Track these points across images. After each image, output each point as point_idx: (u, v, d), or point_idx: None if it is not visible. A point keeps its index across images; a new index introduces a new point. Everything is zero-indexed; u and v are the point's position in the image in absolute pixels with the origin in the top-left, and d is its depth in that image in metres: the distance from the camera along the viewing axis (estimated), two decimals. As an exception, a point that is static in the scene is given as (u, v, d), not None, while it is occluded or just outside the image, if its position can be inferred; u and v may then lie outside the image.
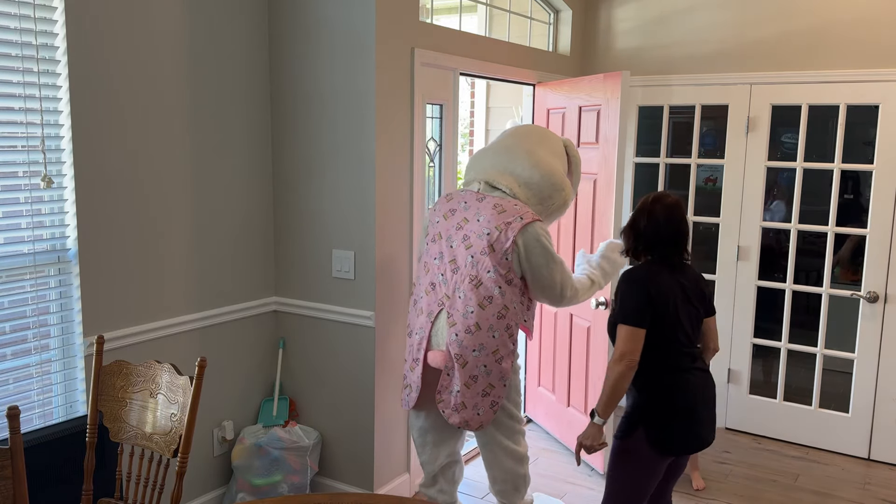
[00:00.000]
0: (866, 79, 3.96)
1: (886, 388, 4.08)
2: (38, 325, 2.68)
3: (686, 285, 2.52)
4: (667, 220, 2.50)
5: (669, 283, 2.49)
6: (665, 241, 2.50)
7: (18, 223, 2.59)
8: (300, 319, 3.52)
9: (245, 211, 3.39)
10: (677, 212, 2.52)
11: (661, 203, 2.53)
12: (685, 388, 2.49)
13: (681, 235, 2.53)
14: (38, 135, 2.61)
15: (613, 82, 3.66)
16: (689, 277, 2.55)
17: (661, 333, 2.47)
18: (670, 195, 2.57)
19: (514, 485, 3.05)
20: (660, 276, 2.49)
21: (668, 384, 2.49)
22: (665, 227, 2.50)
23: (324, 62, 3.28)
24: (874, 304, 4.06)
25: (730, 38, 4.31)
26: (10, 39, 2.50)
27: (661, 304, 2.45)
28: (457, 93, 3.70)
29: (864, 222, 4.09)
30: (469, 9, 4.32)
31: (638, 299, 2.44)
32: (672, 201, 2.54)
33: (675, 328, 2.48)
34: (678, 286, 2.50)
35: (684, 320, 2.49)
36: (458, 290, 2.81)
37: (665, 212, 2.50)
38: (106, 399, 2.45)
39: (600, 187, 3.79)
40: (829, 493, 3.78)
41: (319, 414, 3.52)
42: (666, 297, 2.46)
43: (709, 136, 5.38)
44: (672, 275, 2.51)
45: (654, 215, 2.51)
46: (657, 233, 2.50)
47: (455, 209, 2.92)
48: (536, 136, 3.02)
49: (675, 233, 2.51)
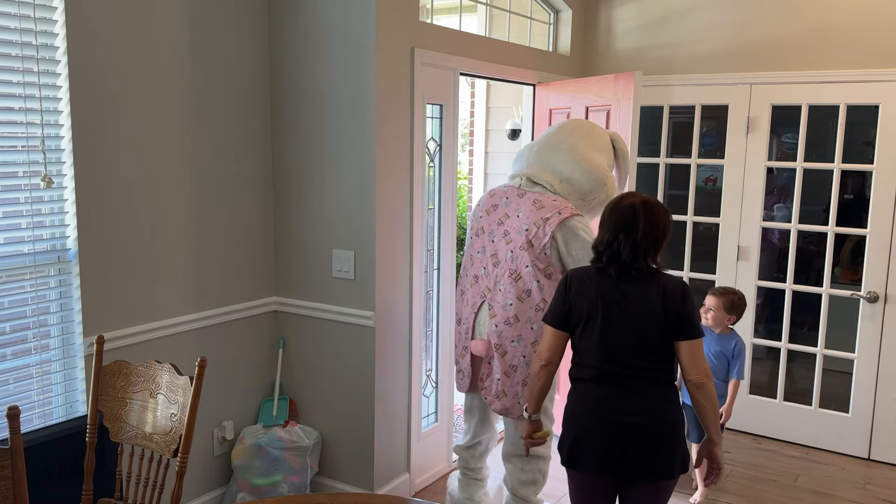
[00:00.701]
0: (866, 79, 3.96)
1: (886, 388, 4.08)
2: (38, 325, 2.68)
3: (628, 295, 2.27)
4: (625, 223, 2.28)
5: (600, 288, 2.29)
6: (621, 246, 2.28)
7: (18, 223, 2.59)
8: (300, 319, 3.52)
9: (245, 211, 3.39)
10: (642, 214, 2.28)
11: (624, 203, 2.33)
12: (580, 395, 2.34)
13: (639, 242, 2.26)
14: (38, 135, 2.61)
15: (626, 83, 3.67)
16: (643, 288, 2.27)
17: (577, 339, 2.34)
18: (637, 195, 2.34)
19: (534, 478, 3.13)
20: (588, 279, 2.33)
21: (572, 394, 2.38)
22: (623, 230, 2.28)
23: (324, 62, 3.28)
24: (874, 304, 4.06)
25: (730, 38, 4.31)
26: (10, 39, 2.50)
27: (576, 309, 2.31)
28: (457, 93, 3.70)
29: (863, 222, 4.09)
30: (469, 9, 4.32)
31: (556, 299, 2.39)
32: (633, 202, 2.31)
33: (588, 339, 2.30)
34: (612, 294, 2.28)
35: (603, 332, 2.27)
36: (498, 283, 2.95)
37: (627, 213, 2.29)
38: (106, 399, 2.45)
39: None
40: (829, 493, 3.78)
41: (319, 414, 3.52)
42: (582, 304, 2.30)
43: (709, 136, 5.38)
44: (612, 281, 2.29)
45: (613, 217, 2.32)
46: (614, 237, 2.29)
47: (497, 205, 3.04)
48: (582, 131, 3.09)
49: (633, 239, 2.26)
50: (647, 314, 2.25)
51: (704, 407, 2.29)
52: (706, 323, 3.52)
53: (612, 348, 2.27)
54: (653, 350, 2.26)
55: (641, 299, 2.27)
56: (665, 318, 2.25)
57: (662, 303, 2.25)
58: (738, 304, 3.49)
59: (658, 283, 2.28)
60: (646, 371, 2.26)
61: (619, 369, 2.27)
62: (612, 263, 2.30)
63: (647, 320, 2.25)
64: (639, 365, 2.26)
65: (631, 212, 2.29)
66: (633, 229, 2.27)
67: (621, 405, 2.26)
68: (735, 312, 3.49)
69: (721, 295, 3.50)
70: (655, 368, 2.27)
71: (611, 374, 2.28)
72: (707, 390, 2.26)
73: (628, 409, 2.26)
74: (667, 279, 2.31)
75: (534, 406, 2.49)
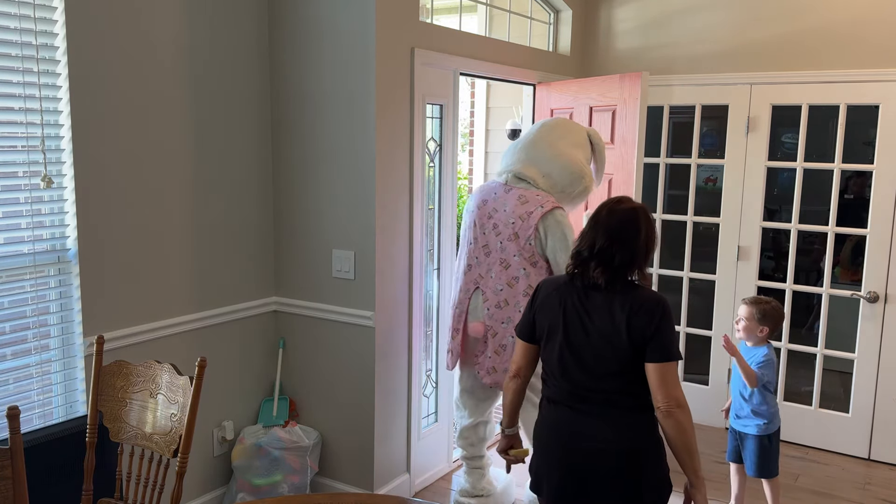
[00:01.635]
0: (866, 79, 3.96)
1: (886, 388, 4.08)
2: (38, 325, 2.68)
3: (592, 309, 2.09)
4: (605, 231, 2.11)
5: (565, 299, 2.13)
6: (595, 254, 2.10)
7: (18, 223, 2.59)
8: (300, 319, 3.52)
9: (245, 210, 3.39)
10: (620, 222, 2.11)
11: (607, 210, 2.15)
12: (542, 416, 2.21)
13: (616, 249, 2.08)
14: (38, 135, 2.61)
15: (633, 83, 3.67)
16: (611, 302, 2.08)
17: (543, 355, 2.20)
18: (632, 200, 2.18)
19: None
20: (555, 289, 2.18)
21: (539, 414, 2.24)
22: (599, 238, 2.10)
23: (324, 62, 3.28)
24: (874, 304, 4.06)
25: (730, 38, 4.30)
26: (10, 39, 2.50)
27: (539, 320, 2.19)
28: (457, 93, 3.70)
29: (863, 221, 4.09)
30: (469, 9, 4.32)
31: (526, 308, 2.28)
32: (633, 207, 2.14)
33: (550, 353, 2.15)
34: (576, 307, 2.11)
35: (565, 347, 2.10)
36: (490, 270, 3.23)
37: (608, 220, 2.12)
38: (106, 399, 2.45)
39: (617, 187, 3.83)
40: (829, 493, 3.78)
41: (319, 414, 3.52)
42: (545, 315, 2.16)
43: (709, 136, 5.38)
44: (579, 293, 2.13)
45: (610, 221, 2.12)
46: (590, 246, 2.11)
47: (487, 200, 3.28)
48: (560, 128, 3.35)
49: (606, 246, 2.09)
50: (609, 331, 2.06)
51: (675, 441, 2.03)
52: (738, 335, 3.31)
53: (570, 366, 2.10)
54: (617, 371, 2.06)
55: (605, 314, 2.07)
56: (629, 336, 2.03)
57: (628, 319, 2.04)
58: (770, 314, 3.23)
59: (630, 298, 2.07)
60: (609, 393, 2.07)
61: (578, 390, 2.09)
62: (585, 268, 2.12)
63: (607, 338, 2.06)
64: (601, 387, 2.07)
65: (631, 216, 2.11)
66: (634, 236, 2.09)
67: (581, 429, 2.08)
68: (768, 323, 3.23)
69: (752, 304, 3.27)
70: (621, 391, 2.07)
71: (571, 395, 2.10)
72: (675, 421, 2.00)
73: (588, 434, 2.07)
74: (643, 294, 2.09)
75: (507, 419, 2.37)
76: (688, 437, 2.02)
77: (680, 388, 2.04)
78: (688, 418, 2.03)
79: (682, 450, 2.03)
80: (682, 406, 2.01)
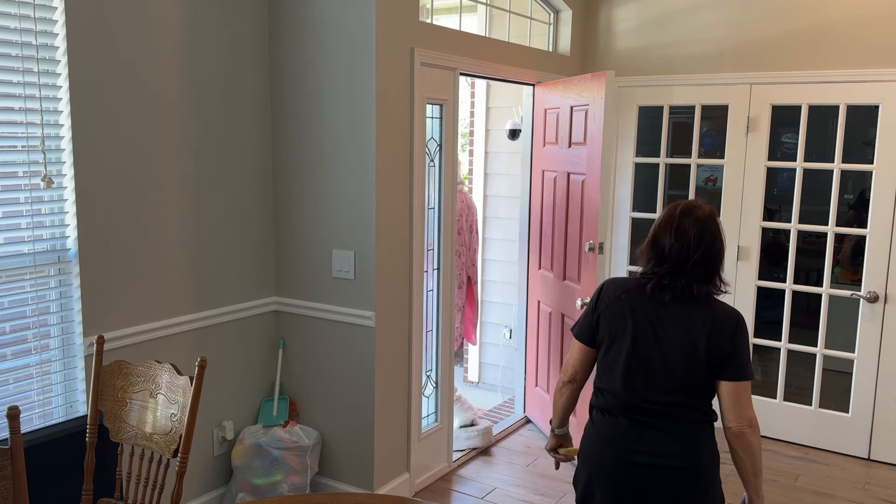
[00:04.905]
0: (866, 79, 3.96)
1: (886, 388, 4.08)
2: (38, 325, 2.68)
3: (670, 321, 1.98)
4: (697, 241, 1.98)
5: (637, 305, 2.02)
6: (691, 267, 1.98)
7: (18, 223, 2.59)
8: (300, 319, 3.52)
9: (245, 211, 3.39)
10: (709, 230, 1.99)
11: (691, 217, 2.01)
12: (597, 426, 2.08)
13: (711, 260, 1.99)
14: (38, 135, 2.61)
15: (599, 82, 3.67)
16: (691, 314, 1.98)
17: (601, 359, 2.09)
18: (701, 206, 2.04)
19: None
20: (626, 293, 2.06)
21: (588, 424, 2.12)
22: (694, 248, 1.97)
23: (324, 62, 3.28)
24: (874, 304, 4.06)
25: (730, 38, 4.31)
26: (10, 39, 2.50)
27: (604, 324, 2.06)
28: (457, 93, 3.70)
29: (864, 222, 4.09)
30: (469, 9, 4.32)
31: (587, 309, 2.15)
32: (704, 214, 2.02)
33: (612, 361, 2.04)
34: (651, 315, 2.00)
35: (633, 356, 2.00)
36: (465, 255, 4.45)
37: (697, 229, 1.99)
38: (106, 399, 2.45)
39: (588, 186, 3.83)
40: (829, 493, 3.78)
41: (319, 414, 3.52)
42: (611, 319, 2.04)
43: (709, 136, 5.38)
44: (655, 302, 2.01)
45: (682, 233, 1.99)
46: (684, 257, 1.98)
47: (463, 200, 4.55)
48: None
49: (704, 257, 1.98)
50: (686, 344, 1.96)
51: (743, 461, 1.99)
52: None
53: (635, 378, 2.00)
54: (686, 385, 1.97)
55: (682, 326, 1.97)
56: (707, 353, 1.95)
57: (708, 334, 1.95)
58: None
59: (709, 311, 1.98)
60: (673, 406, 1.98)
61: (640, 402, 2.00)
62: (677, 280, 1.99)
63: (683, 352, 1.96)
64: (666, 400, 1.98)
65: (711, 221, 2.00)
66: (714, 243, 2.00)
67: (640, 443, 1.99)
68: None
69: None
70: (686, 404, 1.98)
71: (631, 406, 2.01)
72: (747, 442, 1.95)
73: (649, 449, 1.98)
74: (723, 309, 2.00)
75: (557, 420, 2.25)
76: (756, 459, 1.98)
77: (752, 409, 1.98)
78: (758, 439, 1.98)
79: (749, 470, 2.00)
80: (754, 427, 1.97)
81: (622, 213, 4.73)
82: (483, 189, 5.24)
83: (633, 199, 4.71)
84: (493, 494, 3.68)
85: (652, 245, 2.05)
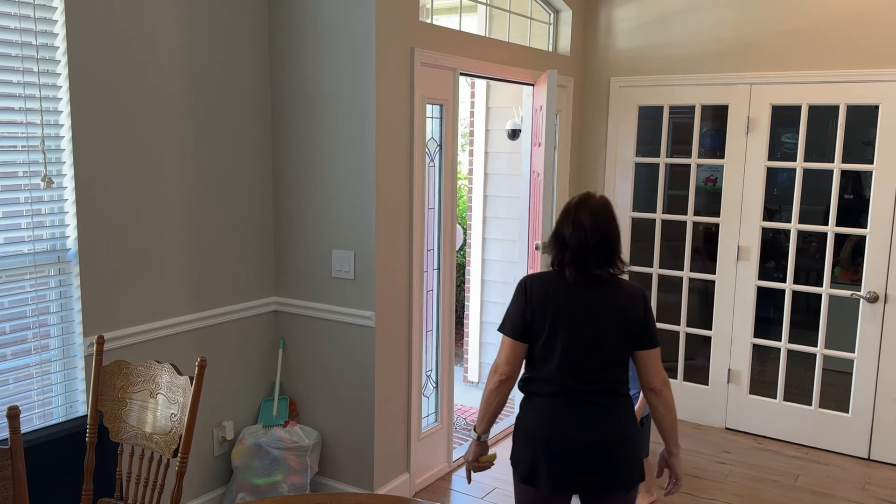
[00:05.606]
0: (866, 79, 3.96)
1: (886, 388, 4.08)
2: (38, 325, 2.68)
3: (594, 304, 2.16)
4: (593, 227, 2.16)
5: (564, 296, 2.17)
6: (591, 251, 2.15)
7: (18, 223, 2.59)
8: (300, 319, 3.52)
9: (245, 211, 3.39)
10: (603, 217, 2.18)
11: (586, 206, 2.19)
12: (537, 412, 2.21)
13: (606, 243, 2.16)
14: (38, 135, 2.61)
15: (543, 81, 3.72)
16: (608, 296, 2.17)
17: (537, 350, 2.20)
18: (595, 196, 2.23)
19: None
20: (551, 287, 2.19)
21: (527, 409, 2.24)
22: (591, 234, 2.15)
23: (324, 62, 3.28)
24: (874, 304, 4.06)
25: (730, 38, 4.31)
26: (10, 39, 2.50)
27: (538, 317, 2.18)
28: (457, 93, 3.70)
29: (863, 222, 4.09)
30: (469, 9, 4.32)
31: (516, 308, 2.23)
32: (598, 203, 2.21)
33: (549, 350, 2.17)
34: (578, 302, 2.16)
35: (570, 342, 2.15)
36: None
37: (591, 216, 2.17)
38: (106, 399, 2.45)
39: (539, 185, 3.97)
40: (829, 493, 3.78)
41: (319, 414, 3.52)
42: (545, 312, 2.17)
43: (709, 136, 5.38)
44: (577, 288, 2.17)
45: (579, 222, 2.17)
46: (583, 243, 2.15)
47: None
48: None
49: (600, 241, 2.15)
50: (612, 323, 2.15)
51: (662, 415, 2.21)
52: None
53: (575, 360, 2.15)
54: (613, 361, 2.17)
55: (608, 306, 2.16)
56: (628, 327, 2.16)
57: (627, 310, 2.16)
58: None
59: (622, 290, 2.19)
60: (604, 383, 2.17)
61: (579, 383, 2.16)
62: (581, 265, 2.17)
63: (611, 329, 2.15)
64: (599, 378, 2.16)
65: (604, 209, 2.19)
66: (612, 227, 2.19)
67: (581, 420, 2.16)
68: None
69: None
70: (615, 379, 2.18)
71: (571, 388, 2.16)
72: (665, 398, 2.20)
73: (588, 425, 2.15)
74: (630, 286, 2.22)
75: (485, 425, 2.30)
76: (672, 412, 2.22)
77: (664, 370, 2.22)
78: (672, 394, 2.23)
79: (669, 423, 2.22)
80: (667, 384, 2.21)
81: (622, 213, 4.73)
82: (483, 189, 5.24)
83: (634, 199, 4.71)
84: (492, 494, 3.68)
85: (555, 236, 2.23)
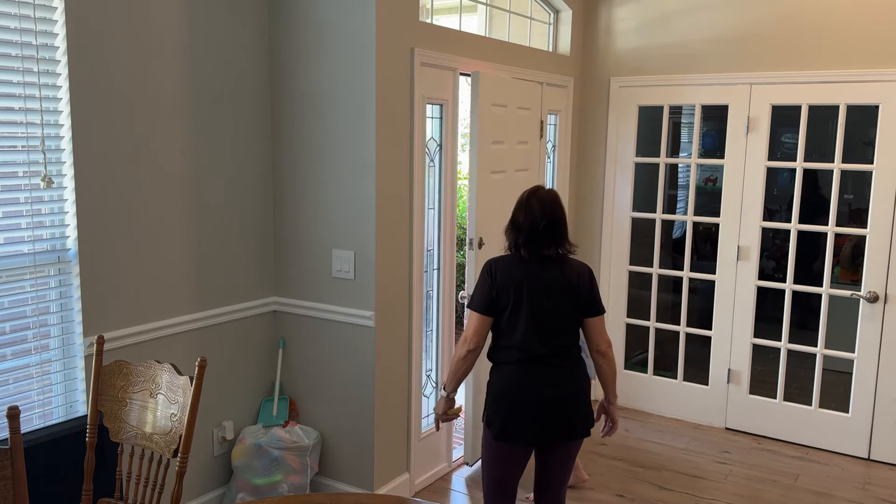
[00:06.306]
0: (866, 79, 3.96)
1: (886, 388, 4.08)
2: (38, 325, 2.68)
3: (549, 280, 2.53)
4: (541, 213, 2.53)
5: (523, 274, 2.52)
6: (541, 233, 2.53)
7: (18, 223, 2.59)
8: (300, 319, 3.52)
9: (245, 211, 3.39)
10: (550, 204, 2.56)
11: (536, 196, 2.58)
12: (507, 376, 2.55)
13: (555, 226, 2.54)
14: (38, 135, 2.61)
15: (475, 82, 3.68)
16: (559, 272, 2.55)
17: (503, 322, 2.55)
18: (543, 188, 2.62)
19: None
20: (512, 267, 2.55)
21: (497, 375, 2.59)
22: (540, 219, 2.53)
23: (324, 62, 3.28)
24: (874, 304, 4.06)
25: (730, 38, 4.31)
26: (10, 39, 2.50)
27: (503, 293, 2.53)
28: (457, 93, 3.70)
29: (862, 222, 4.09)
30: (469, 9, 4.32)
31: (483, 287, 2.57)
32: (546, 194, 2.59)
33: (514, 321, 2.52)
34: (535, 279, 2.52)
35: (531, 313, 2.50)
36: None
37: (540, 204, 2.55)
38: (106, 399, 2.45)
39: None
40: (829, 493, 3.78)
41: (319, 414, 3.52)
42: (509, 288, 2.52)
43: (709, 136, 5.38)
44: (534, 267, 2.53)
45: (530, 209, 2.55)
46: (534, 226, 2.53)
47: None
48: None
49: (549, 225, 2.53)
50: (565, 295, 2.53)
51: (606, 372, 2.64)
52: None
53: (537, 328, 2.51)
54: (567, 328, 2.55)
55: (562, 281, 2.53)
56: (578, 297, 2.55)
57: (577, 283, 2.55)
58: None
59: (571, 266, 2.57)
60: (562, 347, 2.54)
61: (542, 348, 2.52)
62: (534, 245, 2.52)
63: (565, 300, 2.53)
64: (558, 343, 2.53)
65: (551, 198, 2.57)
66: (562, 214, 2.57)
67: (547, 380, 2.52)
68: None
69: None
70: (570, 343, 2.57)
71: (535, 354, 2.52)
72: (610, 357, 2.63)
73: (553, 383, 2.52)
74: (576, 263, 2.60)
75: (453, 385, 2.68)
76: (614, 367, 2.66)
77: (607, 333, 2.65)
78: (613, 355, 2.67)
79: (611, 377, 2.65)
80: (610, 345, 2.64)
81: (623, 213, 4.74)
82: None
83: (634, 199, 4.71)
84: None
85: (511, 222, 2.61)
